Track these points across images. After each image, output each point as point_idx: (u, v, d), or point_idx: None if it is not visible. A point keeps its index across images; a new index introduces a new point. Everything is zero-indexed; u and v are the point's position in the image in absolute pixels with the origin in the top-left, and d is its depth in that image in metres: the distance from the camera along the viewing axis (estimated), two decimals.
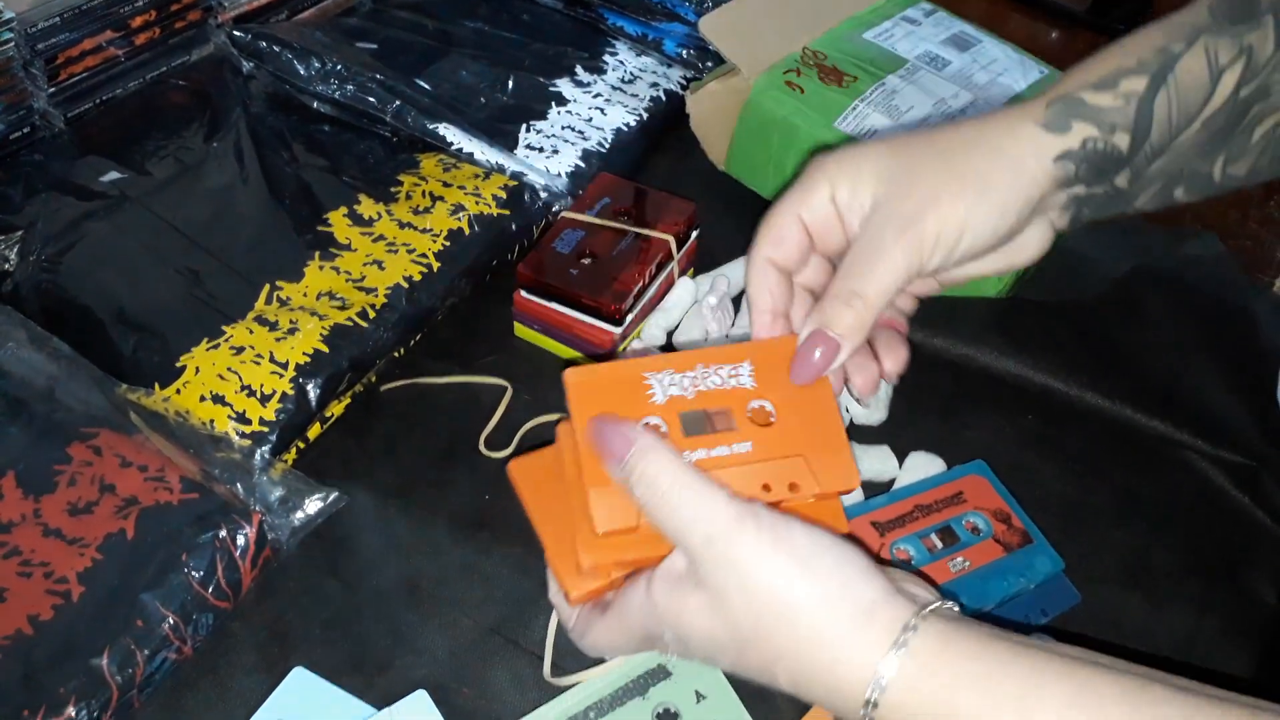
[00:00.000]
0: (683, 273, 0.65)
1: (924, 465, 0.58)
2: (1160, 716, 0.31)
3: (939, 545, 0.53)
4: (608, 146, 0.73)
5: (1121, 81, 0.41)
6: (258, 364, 0.55)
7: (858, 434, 0.60)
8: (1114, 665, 0.33)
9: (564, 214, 0.63)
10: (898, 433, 0.60)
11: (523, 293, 0.61)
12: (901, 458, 0.58)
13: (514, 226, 0.66)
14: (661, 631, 0.37)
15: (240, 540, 0.48)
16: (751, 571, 0.35)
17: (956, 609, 0.36)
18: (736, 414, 0.40)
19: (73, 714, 0.41)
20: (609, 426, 0.37)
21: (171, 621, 0.45)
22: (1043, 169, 0.40)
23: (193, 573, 0.46)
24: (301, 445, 0.56)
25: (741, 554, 0.35)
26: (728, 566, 0.35)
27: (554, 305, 0.60)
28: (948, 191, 0.39)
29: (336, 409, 0.58)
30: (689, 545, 0.36)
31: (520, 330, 0.63)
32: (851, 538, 0.37)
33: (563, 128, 0.74)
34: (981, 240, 0.40)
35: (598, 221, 0.62)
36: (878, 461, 0.58)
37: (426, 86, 0.75)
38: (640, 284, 0.61)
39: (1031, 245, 0.43)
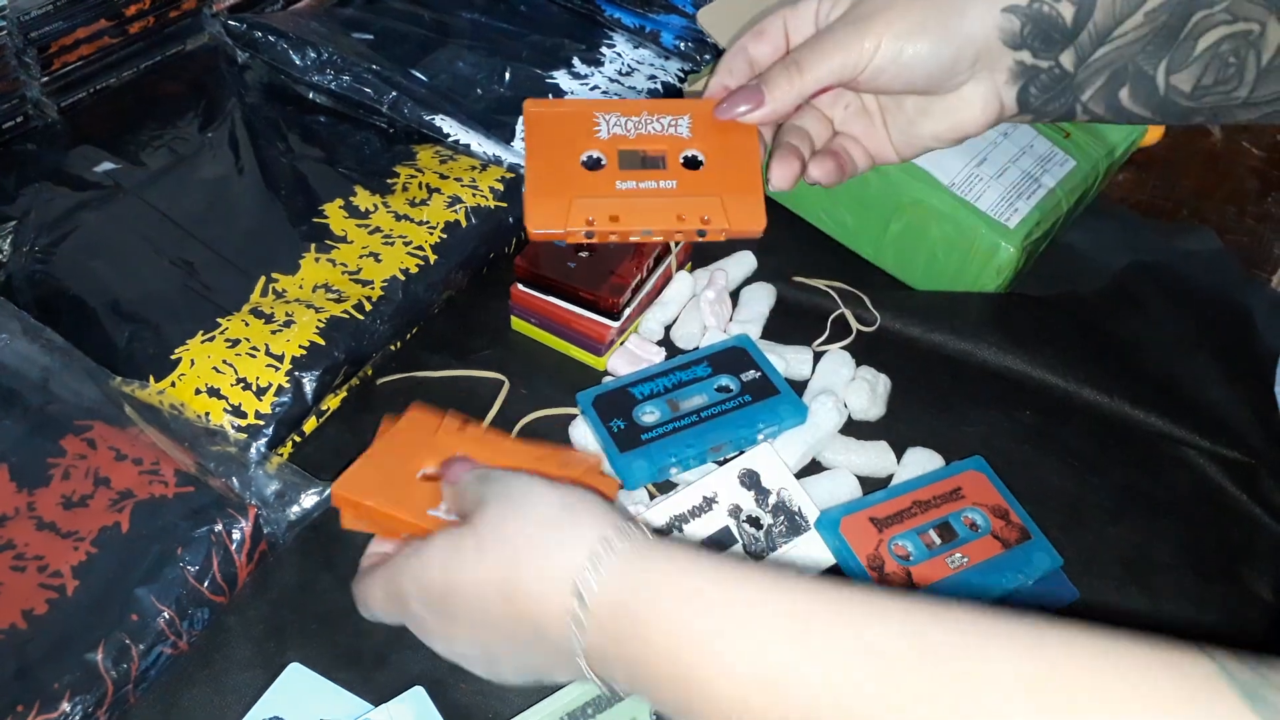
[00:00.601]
0: (680, 267, 0.65)
1: (922, 461, 0.58)
2: (878, 629, 0.30)
3: (937, 541, 0.53)
4: None
5: None
6: (253, 357, 0.54)
7: (856, 430, 0.60)
8: (848, 583, 0.33)
9: None
10: (896, 428, 0.60)
11: (520, 286, 0.61)
12: (900, 453, 0.58)
13: (511, 219, 0.66)
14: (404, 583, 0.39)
15: (236, 534, 0.47)
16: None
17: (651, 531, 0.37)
18: (669, 156, 0.47)
19: (67, 709, 0.41)
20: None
21: (167, 616, 0.44)
22: (990, 14, 0.44)
23: (188, 567, 0.46)
24: (297, 439, 0.56)
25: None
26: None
27: (551, 299, 0.60)
28: (898, 10, 0.44)
29: (332, 402, 0.58)
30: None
31: (517, 324, 0.63)
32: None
33: None
34: (920, 62, 0.44)
35: None
36: (876, 457, 0.58)
37: (423, 77, 0.74)
38: (638, 278, 0.60)
39: (977, 107, 0.46)
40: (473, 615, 0.37)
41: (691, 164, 0.47)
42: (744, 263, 0.67)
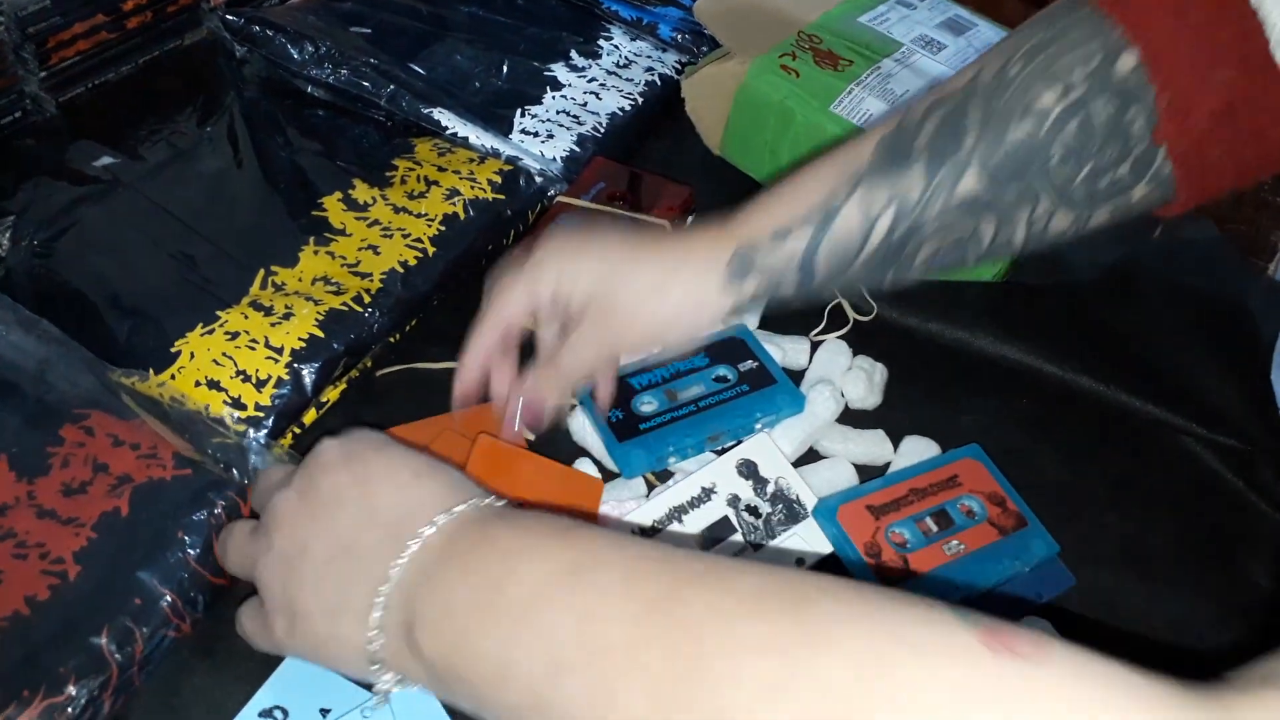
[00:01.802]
0: None
1: (919, 449, 0.58)
2: (692, 558, 0.34)
3: (934, 529, 0.53)
4: (603, 131, 0.73)
5: (791, 233, 0.47)
6: (253, 349, 0.55)
7: (853, 418, 0.60)
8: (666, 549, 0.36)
9: (559, 199, 0.63)
10: (893, 417, 0.60)
11: None
12: (896, 442, 0.58)
13: (509, 211, 0.66)
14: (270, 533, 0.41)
15: (236, 516, 0.48)
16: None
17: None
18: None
19: (73, 693, 0.41)
20: None
21: (169, 599, 0.45)
22: (720, 310, 0.50)
23: (189, 549, 0.46)
24: (297, 430, 0.56)
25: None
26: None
27: None
28: (639, 325, 0.50)
29: (332, 394, 0.58)
30: None
31: None
32: None
33: (558, 112, 0.74)
34: (660, 348, 0.55)
35: (593, 206, 0.62)
36: (873, 445, 0.58)
37: (421, 71, 0.75)
38: None
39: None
40: (329, 546, 0.39)
41: None
42: None
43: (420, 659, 0.36)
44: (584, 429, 0.57)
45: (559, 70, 0.77)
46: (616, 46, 0.81)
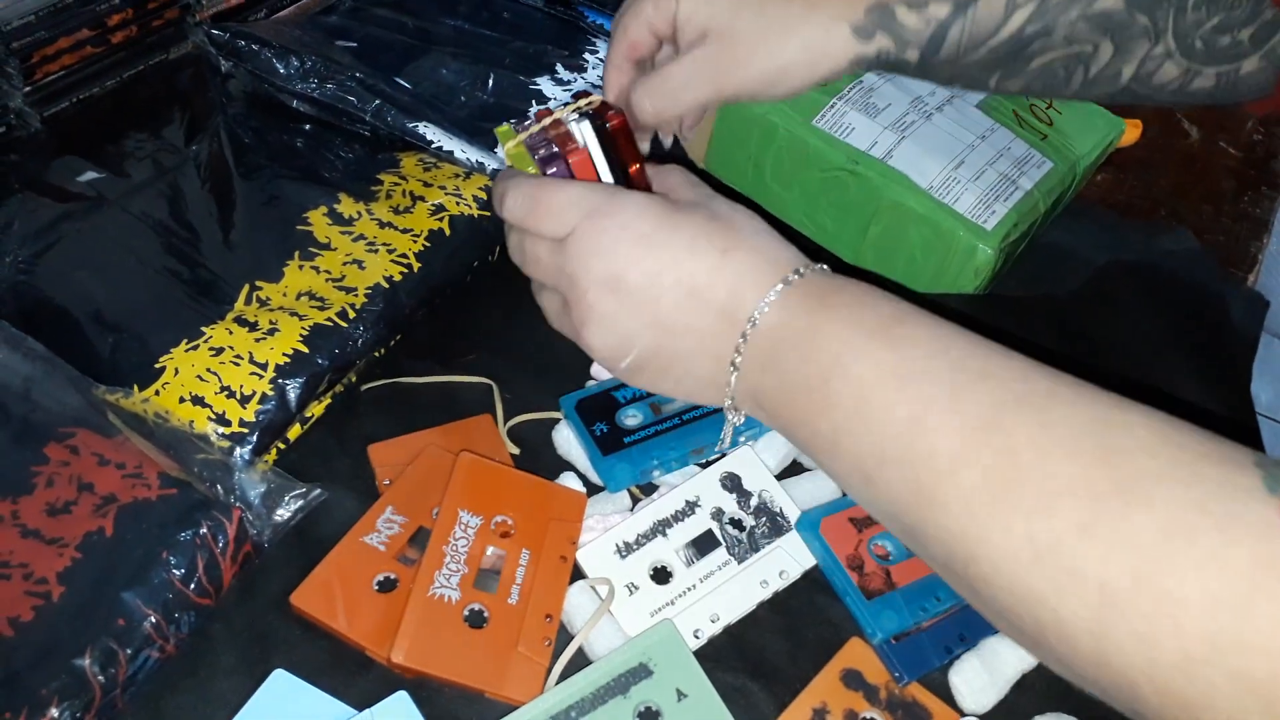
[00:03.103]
0: None
1: None
2: (1009, 371, 0.38)
3: None
4: None
5: (931, 3, 0.47)
6: (237, 365, 0.55)
7: None
8: (985, 341, 0.40)
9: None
10: None
11: (585, 125, 0.51)
12: None
13: (495, 228, 0.66)
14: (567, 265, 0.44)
15: (220, 536, 0.48)
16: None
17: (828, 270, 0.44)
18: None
19: (55, 714, 0.41)
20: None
21: (154, 620, 0.45)
22: (839, 65, 0.49)
23: (174, 570, 0.46)
24: (281, 446, 0.56)
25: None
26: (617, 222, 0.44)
27: (605, 166, 0.52)
28: (756, 63, 0.49)
29: (317, 409, 0.58)
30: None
31: (516, 152, 0.51)
32: None
33: None
34: (766, 99, 0.51)
35: None
36: None
37: (406, 85, 0.75)
38: None
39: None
40: (644, 292, 0.43)
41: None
42: None
43: (768, 417, 0.43)
44: (568, 442, 0.57)
45: (545, 84, 0.78)
46: (601, 60, 0.81)
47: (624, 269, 0.43)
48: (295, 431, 0.57)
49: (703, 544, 0.53)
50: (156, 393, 0.54)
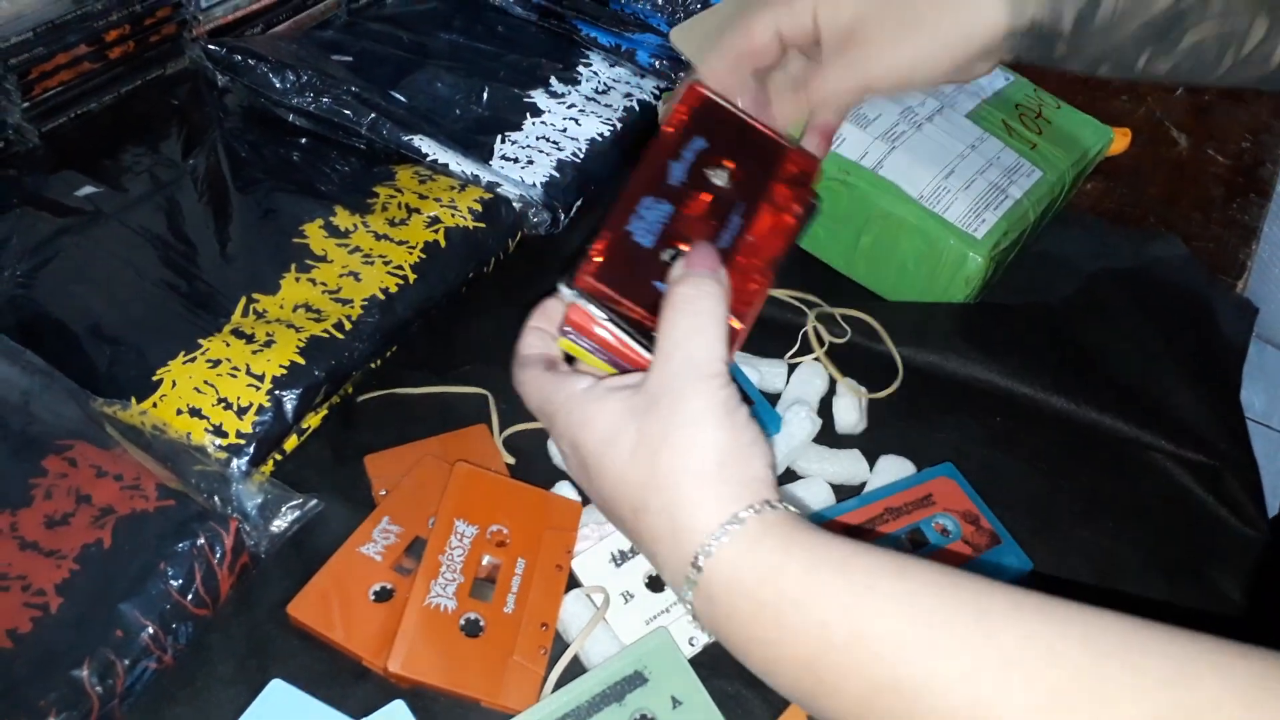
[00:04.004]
0: None
1: (894, 468, 0.59)
2: (1006, 620, 0.32)
3: (909, 548, 0.54)
4: (582, 156, 0.74)
5: None
6: (234, 377, 0.55)
7: (832, 439, 0.61)
8: (958, 572, 0.34)
9: (645, 165, 0.41)
10: (869, 436, 0.61)
11: (582, 303, 0.40)
12: (872, 461, 0.59)
13: (490, 240, 0.67)
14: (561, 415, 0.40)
15: (218, 547, 0.48)
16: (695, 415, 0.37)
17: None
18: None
19: None
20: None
21: (151, 631, 0.45)
22: (992, 40, 0.45)
23: (171, 581, 0.46)
24: (278, 457, 0.57)
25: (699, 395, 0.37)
26: (680, 400, 0.37)
27: (620, 333, 0.40)
28: (908, 44, 0.45)
29: (313, 421, 0.58)
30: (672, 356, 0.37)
31: (565, 344, 0.43)
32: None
33: (537, 138, 0.75)
34: (920, 85, 0.47)
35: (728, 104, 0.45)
36: (849, 465, 0.59)
37: (402, 98, 0.76)
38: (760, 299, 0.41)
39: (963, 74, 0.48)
40: (604, 497, 0.39)
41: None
42: None
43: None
44: None
45: (539, 97, 0.78)
46: (595, 73, 0.82)
47: (595, 465, 0.39)
48: (292, 443, 0.57)
49: None
50: (154, 405, 0.54)
